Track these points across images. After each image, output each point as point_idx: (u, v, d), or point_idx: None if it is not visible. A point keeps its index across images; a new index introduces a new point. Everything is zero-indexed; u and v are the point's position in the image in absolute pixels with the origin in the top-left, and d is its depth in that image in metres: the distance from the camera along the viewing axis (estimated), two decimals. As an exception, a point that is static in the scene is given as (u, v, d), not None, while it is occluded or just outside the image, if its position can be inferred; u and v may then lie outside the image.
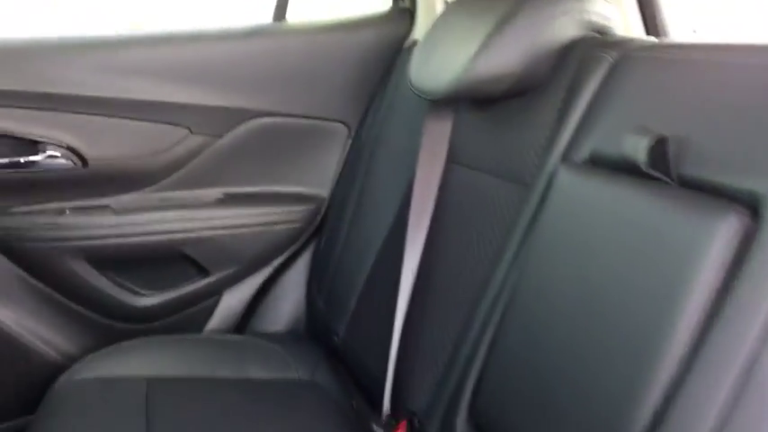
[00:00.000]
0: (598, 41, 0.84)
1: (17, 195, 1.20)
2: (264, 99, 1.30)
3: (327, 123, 1.35)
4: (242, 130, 1.30)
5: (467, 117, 0.98)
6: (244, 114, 1.29)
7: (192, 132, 1.27)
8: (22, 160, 1.17)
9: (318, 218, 1.37)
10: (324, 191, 1.38)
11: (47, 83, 1.16)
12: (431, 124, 1.02)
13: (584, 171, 0.73)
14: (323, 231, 1.37)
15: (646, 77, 0.73)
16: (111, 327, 1.30)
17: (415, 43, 1.25)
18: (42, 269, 1.23)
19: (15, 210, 1.20)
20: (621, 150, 0.66)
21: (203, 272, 1.32)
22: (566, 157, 0.76)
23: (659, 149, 0.62)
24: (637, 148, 0.62)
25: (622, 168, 0.66)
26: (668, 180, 0.62)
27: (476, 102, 0.95)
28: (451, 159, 0.99)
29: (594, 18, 0.87)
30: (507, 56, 0.84)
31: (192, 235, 1.28)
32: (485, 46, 0.84)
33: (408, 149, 1.06)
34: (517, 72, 0.84)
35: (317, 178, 1.37)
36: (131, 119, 1.22)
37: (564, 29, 0.85)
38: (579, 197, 0.71)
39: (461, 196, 0.96)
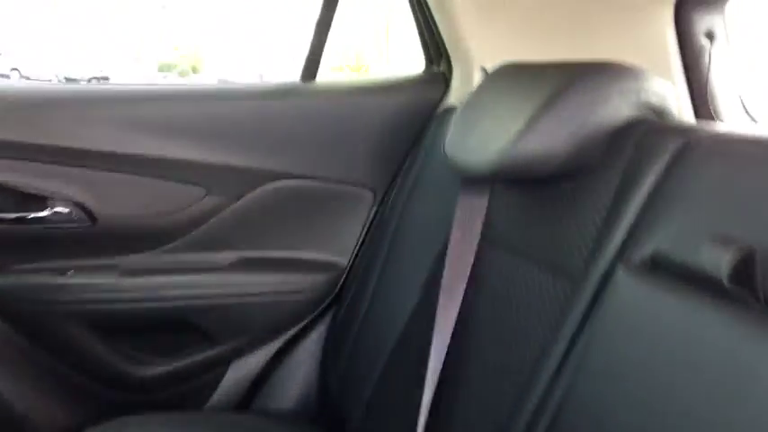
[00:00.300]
0: (657, 126, 0.76)
1: (19, 252, 1.13)
2: (287, 160, 1.23)
3: (352, 188, 1.28)
4: (261, 191, 1.23)
5: (506, 196, 0.90)
6: (264, 176, 1.23)
7: (208, 193, 1.21)
8: (27, 216, 1.11)
9: (337, 288, 1.29)
10: (344, 259, 1.29)
11: (57, 135, 1.11)
12: (465, 199, 0.93)
13: (645, 275, 0.63)
14: (341, 303, 1.28)
15: (716, 172, 0.64)
16: (110, 397, 1.20)
17: (448, 110, 1.19)
18: (41, 333, 1.15)
19: (16, 267, 1.13)
20: (696, 259, 0.56)
21: (210, 341, 1.24)
22: (623, 256, 0.67)
23: (745, 263, 0.52)
24: (719, 261, 0.53)
25: (695, 278, 0.56)
26: (754, 299, 0.52)
27: (517, 180, 0.87)
28: (486, 239, 0.90)
29: (652, 98, 0.79)
30: (555, 136, 0.76)
31: (201, 301, 1.20)
32: (531, 124, 0.76)
33: (438, 222, 0.97)
34: (565, 154, 0.76)
35: (338, 246, 1.29)
36: (145, 176, 1.17)
37: (619, 109, 0.77)
38: (640, 305, 0.62)
39: (497, 281, 0.86)
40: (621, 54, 0.85)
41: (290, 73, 1.35)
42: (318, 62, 1.28)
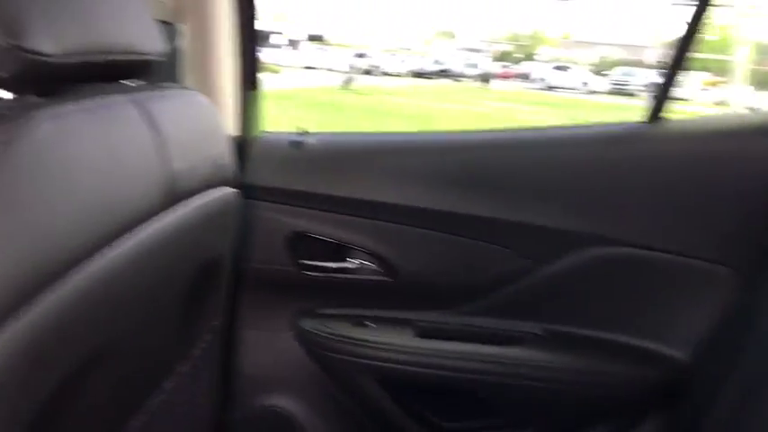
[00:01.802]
0: None
1: (323, 298, 1.14)
2: (614, 224, 0.99)
3: (700, 264, 0.98)
4: (578, 258, 1.01)
5: None
6: (584, 240, 1.00)
7: (515, 254, 1.04)
8: (334, 265, 1.10)
9: (670, 390, 0.99)
10: (683, 353, 0.99)
11: (363, 188, 1.08)
12: None
13: None
14: (678, 412, 0.98)
15: None
16: None
17: None
18: (334, 376, 1.14)
19: (320, 311, 1.14)
20: None
21: (499, 418, 1.07)
22: None
23: None
24: None
25: None
26: None
27: None
28: None
29: None
30: None
31: (496, 378, 1.04)
32: None
33: None
34: None
35: (677, 334, 1.00)
36: (447, 232, 1.05)
37: None
38: None
39: None
40: None
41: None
42: (668, 97, 0.98)
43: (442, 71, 18.81)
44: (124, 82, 0.69)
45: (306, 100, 9.87)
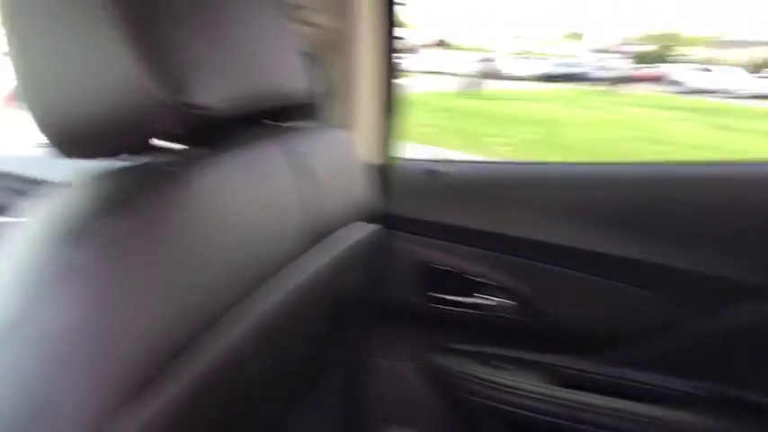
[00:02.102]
0: None
1: (456, 333, 1.09)
2: None
3: None
4: (748, 312, 0.89)
5: None
6: (754, 293, 0.88)
7: (671, 302, 0.93)
8: (466, 300, 1.05)
9: None
10: None
11: (500, 223, 1.01)
12: None
13: None
14: None
15: None
16: None
17: None
18: (459, 415, 1.09)
19: (451, 347, 1.09)
20: None
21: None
22: None
23: None
24: None
25: None
26: None
27: None
28: None
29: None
30: None
31: None
32: None
33: None
34: None
35: None
36: (594, 275, 0.97)
37: None
38: None
39: None
40: None
41: None
42: None
43: (571, 74, 18.06)
44: (272, 122, 0.70)
45: (426, 105, 9.89)
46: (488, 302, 1.05)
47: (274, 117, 0.71)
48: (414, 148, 1.15)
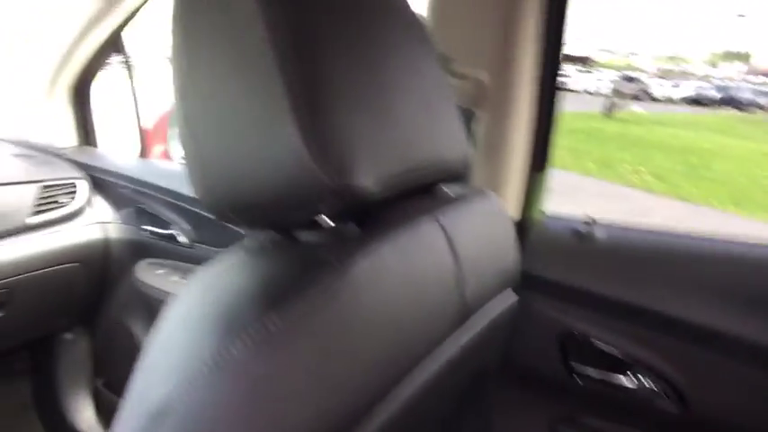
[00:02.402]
0: None
1: (589, 410, 1.02)
2: None
3: None
4: None
5: None
6: None
7: None
8: (606, 377, 0.97)
9: None
10: None
11: (652, 297, 0.93)
12: None
13: None
14: None
15: None
16: None
17: None
18: None
19: (583, 421, 1.02)
20: None
21: None
22: None
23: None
24: None
25: None
26: None
27: None
28: None
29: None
30: None
31: None
32: None
33: None
34: None
35: None
36: (751, 366, 0.86)
37: None
38: None
39: None
40: None
41: None
42: None
43: (726, 98, 16.60)
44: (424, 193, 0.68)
45: (564, 126, 9.54)
46: (631, 383, 0.96)
47: (428, 185, 0.69)
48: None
